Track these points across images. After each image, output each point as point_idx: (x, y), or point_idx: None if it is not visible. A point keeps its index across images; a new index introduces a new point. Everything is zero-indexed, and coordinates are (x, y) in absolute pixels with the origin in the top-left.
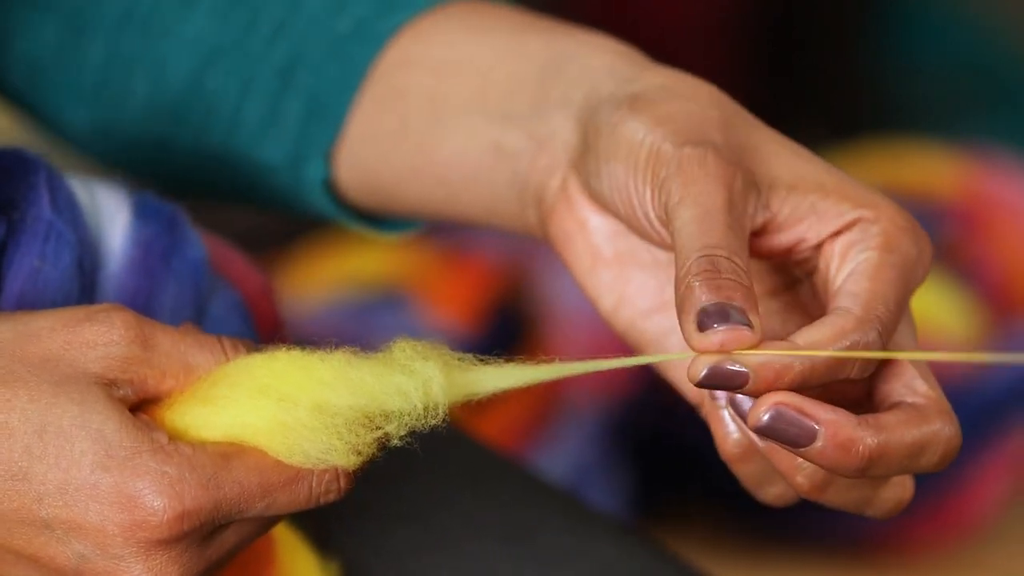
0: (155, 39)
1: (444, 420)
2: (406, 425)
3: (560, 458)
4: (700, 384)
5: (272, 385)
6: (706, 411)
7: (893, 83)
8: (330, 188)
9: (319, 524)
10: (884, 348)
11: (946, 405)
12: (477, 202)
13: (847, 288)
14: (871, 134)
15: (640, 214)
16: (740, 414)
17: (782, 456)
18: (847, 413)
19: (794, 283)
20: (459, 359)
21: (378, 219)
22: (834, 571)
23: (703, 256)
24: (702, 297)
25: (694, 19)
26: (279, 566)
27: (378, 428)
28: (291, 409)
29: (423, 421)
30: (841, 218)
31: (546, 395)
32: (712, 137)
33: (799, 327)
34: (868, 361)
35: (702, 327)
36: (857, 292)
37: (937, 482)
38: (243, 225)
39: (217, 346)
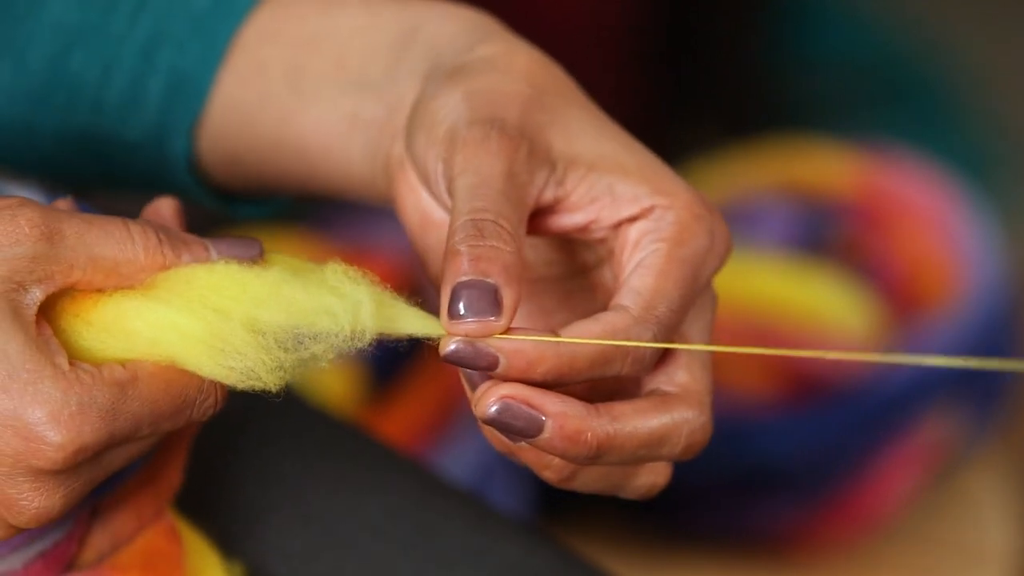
0: (16, 23)
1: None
2: (333, 347)
3: (462, 459)
4: (448, 360)
5: (209, 297)
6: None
7: (789, 81)
8: (193, 165)
9: (224, 527)
10: (660, 349)
11: (703, 396)
12: (335, 173)
13: (631, 283)
14: (768, 132)
15: (435, 186)
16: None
17: (527, 452)
18: (577, 403)
19: (601, 262)
20: (388, 294)
21: (240, 198)
22: (737, 569)
23: (469, 219)
24: (461, 268)
25: (590, 16)
26: (185, 569)
27: (306, 348)
28: (225, 322)
29: (349, 344)
30: (636, 203)
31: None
32: (505, 114)
33: (605, 306)
34: (640, 359)
35: (451, 312)
36: (639, 290)
37: (840, 478)
38: None
39: (124, 231)
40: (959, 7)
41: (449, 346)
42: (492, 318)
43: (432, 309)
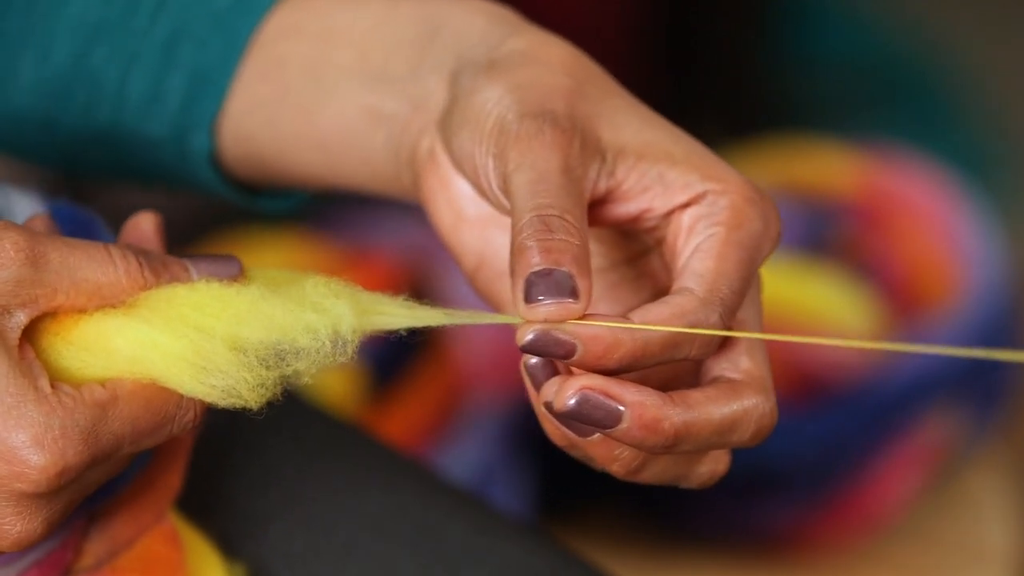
0: (39, 19)
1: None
2: (315, 363)
3: (463, 459)
4: (526, 349)
5: (190, 315)
6: (540, 409)
7: (789, 81)
8: (214, 160)
9: (225, 529)
10: (726, 329)
11: (766, 382)
12: (356, 167)
13: (692, 267)
14: (769, 132)
15: (484, 182)
16: (547, 406)
17: (596, 445)
18: (654, 393)
19: (647, 251)
20: (371, 295)
21: (261, 192)
22: (739, 569)
23: (535, 215)
24: (532, 260)
25: (590, 17)
26: (186, 572)
27: (288, 365)
28: (207, 340)
29: (331, 359)
30: (688, 189)
31: (449, 396)
32: (555, 106)
33: (652, 294)
34: (708, 342)
35: (529, 298)
36: (702, 272)
37: (841, 478)
38: None
39: (106, 255)
40: (959, 7)
41: (527, 335)
42: (571, 300)
43: (437, 305)
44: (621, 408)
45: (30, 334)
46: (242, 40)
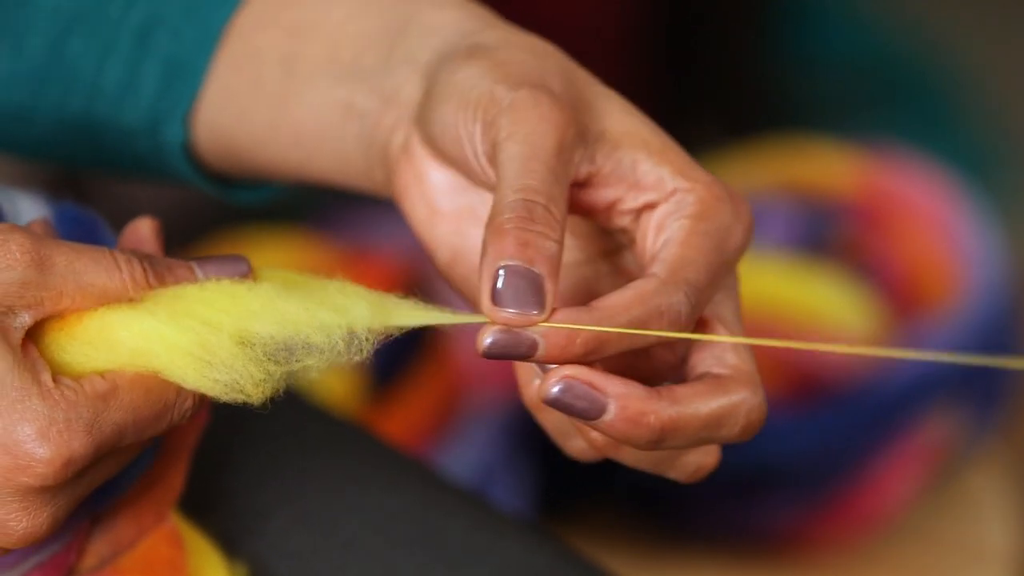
0: (15, 8)
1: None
2: (326, 360)
3: (464, 459)
4: (486, 355)
5: (197, 309)
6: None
7: (789, 81)
8: (188, 151)
9: (226, 527)
10: (695, 312)
11: (754, 376)
12: (329, 161)
13: (659, 256)
14: (768, 132)
15: (468, 152)
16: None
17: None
18: (639, 386)
19: (622, 247)
20: (390, 299)
21: (235, 184)
22: (739, 569)
23: (521, 199)
24: (507, 250)
25: (590, 17)
26: (188, 573)
27: (297, 360)
28: (213, 334)
29: (344, 358)
30: (659, 187)
31: (450, 395)
32: (549, 83)
33: None
34: (676, 318)
35: (496, 299)
36: (666, 258)
37: (840, 478)
38: None
39: (111, 260)
40: (959, 7)
41: (487, 339)
42: (535, 312)
43: (434, 304)
44: (606, 399)
45: (32, 332)
46: (216, 30)
